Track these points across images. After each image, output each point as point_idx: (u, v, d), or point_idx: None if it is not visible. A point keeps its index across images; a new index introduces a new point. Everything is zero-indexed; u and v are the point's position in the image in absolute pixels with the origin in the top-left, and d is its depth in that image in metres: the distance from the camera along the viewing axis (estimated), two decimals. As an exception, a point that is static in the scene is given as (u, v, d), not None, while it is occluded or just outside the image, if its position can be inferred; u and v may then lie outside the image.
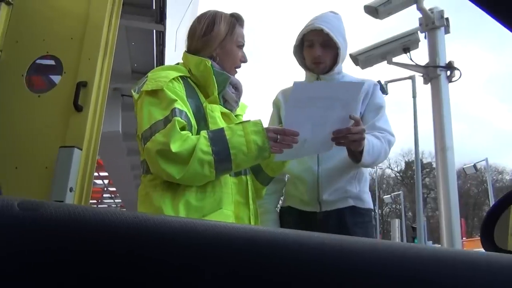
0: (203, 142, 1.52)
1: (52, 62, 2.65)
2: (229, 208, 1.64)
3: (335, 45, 2.10)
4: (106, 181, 24.52)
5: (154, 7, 8.41)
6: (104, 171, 19.40)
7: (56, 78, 2.57)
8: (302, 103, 1.62)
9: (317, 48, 2.12)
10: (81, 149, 2.27)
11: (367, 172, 2.26)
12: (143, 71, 10.76)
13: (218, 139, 1.55)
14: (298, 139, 1.59)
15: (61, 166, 2.20)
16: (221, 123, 1.67)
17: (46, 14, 2.69)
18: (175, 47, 11.15)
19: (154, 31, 9.10)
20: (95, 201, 29.90)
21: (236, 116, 1.83)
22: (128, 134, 13.76)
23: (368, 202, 2.18)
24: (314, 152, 2.01)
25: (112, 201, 30.37)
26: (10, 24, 2.69)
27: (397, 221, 19.94)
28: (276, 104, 2.35)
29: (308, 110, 1.64)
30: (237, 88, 1.86)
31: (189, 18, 12.49)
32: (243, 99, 1.92)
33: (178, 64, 1.84)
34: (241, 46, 1.83)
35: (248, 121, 1.63)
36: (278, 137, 1.59)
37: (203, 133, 1.56)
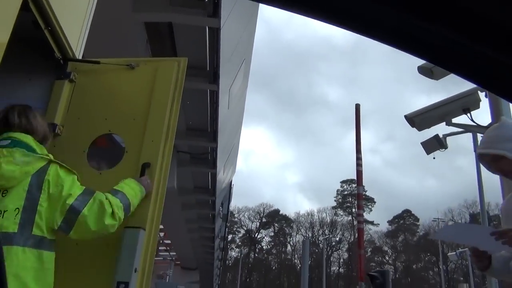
0: None
1: (114, 141, 2.73)
2: None
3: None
4: (162, 234, 24.86)
5: (208, 69, 8.73)
6: (160, 224, 19.71)
7: (118, 157, 2.64)
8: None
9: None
10: (145, 230, 2.29)
11: None
12: (198, 128, 11.07)
13: None
14: None
15: (127, 247, 2.22)
16: None
17: (108, 93, 2.80)
18: (228, 105, 11.43)
19: (208, 90, 9.40)
20: (150, 253, 30.13)
21: None
22: (183, 189, 14.04)
23: None
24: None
25: (167, 253, 30.63)
26: (72, 101, 2.82)
27: (465, 286, 18.29)
28: None
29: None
30: None
31: (242, 76, 12.86)
32: None
33: None
34: None
35: None
36: None
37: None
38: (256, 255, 70.83)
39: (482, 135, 4.47)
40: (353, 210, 62.30)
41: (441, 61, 0.71)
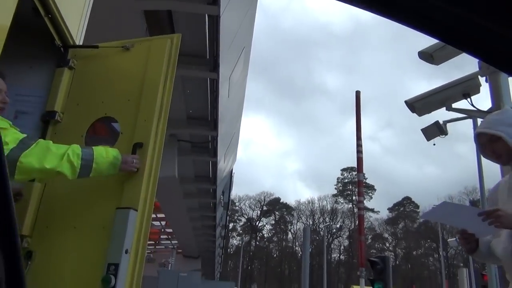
0: None
1: (110, 123, 2.73)
2: None
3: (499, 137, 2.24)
4: (163, 223, 24.96)
5: (208, 57, 8.70)
6: (161, 212, 19.83)
7: (113, 139, 2.64)
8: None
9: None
10: (136, 210, 2.28)
11: None
12: (198, 117, 11.07)
13: None
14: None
15: (118, 228, 2.22)
16: None
17: (105, 77, 2.80)
18: (228, 93, 11.41)
19: (208, 79, 9.38)
20: (153, 242, 30.47)
21: None
22: (184, 178, 14.08)
23: None
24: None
25: (169, 242, 30.79)
26: (71, 87, 2.82)
27: (464, 270, 18.29)
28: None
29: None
30: None
31: (242, 64, 12.81)
32: None
33: None
34: None
35: None
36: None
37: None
38: (257, 243, 71.23)
39: (482, 120, 4.46)
40: (354, 197, 62.52)
41: (451, 38, 0.71)
